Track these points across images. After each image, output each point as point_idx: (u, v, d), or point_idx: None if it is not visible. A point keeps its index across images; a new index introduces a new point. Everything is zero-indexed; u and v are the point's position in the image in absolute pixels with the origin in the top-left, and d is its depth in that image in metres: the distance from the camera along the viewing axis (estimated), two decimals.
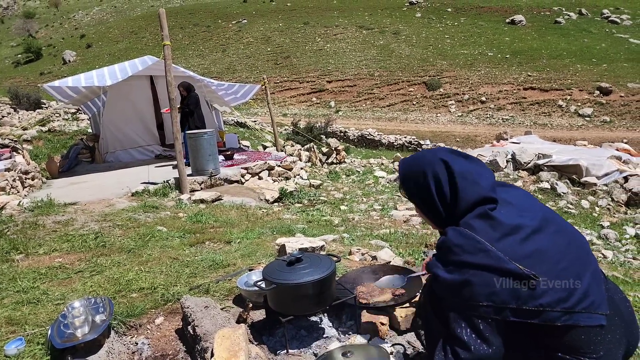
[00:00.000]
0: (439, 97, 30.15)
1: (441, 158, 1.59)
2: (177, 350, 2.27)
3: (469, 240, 1.44)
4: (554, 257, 1.45)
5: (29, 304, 2.65)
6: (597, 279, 1.50)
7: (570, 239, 1.54)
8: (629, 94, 25.67)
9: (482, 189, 1.54)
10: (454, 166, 1.56)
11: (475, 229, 1.46)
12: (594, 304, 1.43)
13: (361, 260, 3.44)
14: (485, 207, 1.50)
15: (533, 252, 1.43)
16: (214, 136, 8.20)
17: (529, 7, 46.71)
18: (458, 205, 1.54)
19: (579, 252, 1.51)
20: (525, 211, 1.54)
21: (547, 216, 1.56)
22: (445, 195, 1.56)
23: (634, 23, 40.60)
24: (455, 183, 1.54)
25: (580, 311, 1.40)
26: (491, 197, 1.53)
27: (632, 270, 4.73)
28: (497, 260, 1.39)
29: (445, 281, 1.46)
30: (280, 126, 19.72)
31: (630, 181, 8.34)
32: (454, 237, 1.48)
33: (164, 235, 4.29)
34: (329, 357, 1.81)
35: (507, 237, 1.44)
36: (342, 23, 48.25)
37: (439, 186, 1.57)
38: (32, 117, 15.80)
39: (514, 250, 1.42)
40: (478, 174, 1.57)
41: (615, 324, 1.48)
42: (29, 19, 77.90)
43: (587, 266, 1.50)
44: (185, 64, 39.63)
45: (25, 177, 7.38)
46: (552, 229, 1.51)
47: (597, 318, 1.42)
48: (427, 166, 1.60)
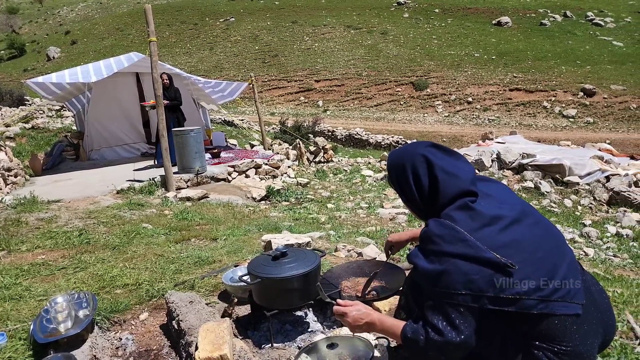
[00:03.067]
0: (426, 97, 30.34)
1: (421, 153, 1.64)
2: (162, 345, 2.27)
3: (448, 230, 1.48)
4: (531, 247, 1.49)
5: (11, 300, 2.62)
6: (574, 269, 1.54)
7: (547, 230, 1.58)
8: (612, 96, 26.10)
9: (462, 182, 1.58)
10: (434, 160, 1.61)
11: (455, 220, 1.50)
12: (570, 293, 1.46)
13: (347, 257, 3.46)
14: (465, 199, 1.55)
15: (511, 242, 1.47)
16: (200, 134, 8.17)
17: (514, 9, 47.19)
18: (439, 198, 1.59)
19: (555, 243, 1.56)
20: (504, 203, 1.58)
21: (525, 209, 1.60)
22: (424, 189, 1.62)
23: (617, 26, 41.27)
24: (435, 176, 1.59)
25: (556, 300, 1.44)
26: (471, 190, 1.57)
27: (613, 268, 4.81)
28: (475, 250, 1.43)
29: (425, 271, 1.49)
30: (268, 125, 19.70)
31: (611, 181, 8.48)
32: (434, 227, 1.52)
33: (149, 232, 4.27)
34: (313, 349, 1.82)
35: (486, 227, 1.48)
36: (331, 22, 48.26)
37: (417, 180, 1.63)
38: (15, 114, 15.54)
39: (493, 240, 1.45)
40: (458, 167, 1.62)
41: (591, 314, 1.52)
42: (13, 15, 76.56)
43: (563, 257, 1.54)
44: (172, 62, 39.30)
45: (7, 175, 7.27)
46: (530, 221, 1.56)
47: (573, 307, 1.45)
48: (407, 160, 1.67)
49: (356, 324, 1.67)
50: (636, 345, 2.19)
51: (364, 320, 1.66)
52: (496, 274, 1.42)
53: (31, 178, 8.40)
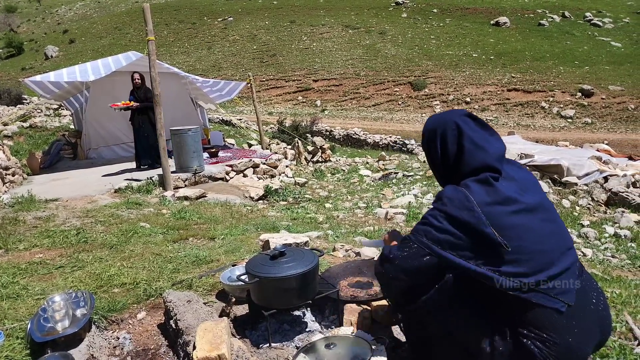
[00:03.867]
0: (424, 97, 30.36)
1: (455, 120, 1.66)
2: (159, 344, 2.26)
3: (460, 196, 1.53)
4: (534, 239, 1.51)
5: (9, 298, 2.61)
6: (572, 272, 1.55)
7: (556, 230, 1.59)
8: (610, 96, 26.16)
9: (489, 157, 1.60)
10: (465, 129, 1.63)
11: (471, 190, 1.53)
12: (556, 289, 1.48)
13: (345, 257, 3.46)
14: (487, 174, 1.56)
15: (517, 227, 1.49)
16: (198, 133, 8.15)
17: (513, 9, 47.22)
18: (461, 167, 1.62)
19: (559, 244, 1.57)
20: (525, 191, 1.59)
21: (545, 204, 1.62)
22: (449, 155, 1.65)
23: (615, 26, 41.33)
24: (462, 145, 1.62)
25: (536, 290, 1.46)
26: (495, 167, 1.58)
27: (611, 268, 4.82)
28: (477, 221, 1.47)
29: (425, 218, 1.58)
30: (266, 124, 19.68)
31: (610, 181, 8.48)
32: (449, 190, 1.58)
33: (147, 231, 4.26)
34: (311, 349, 1.82)
35: (498, 206, 1.50)
36: (329, 22, 48.24)
37: (444, 146, 1.66)
38: (13, 113, 15.50)
39: (499, 219, 1.48)
40: (488, 142, 1.63)
41: (586, 315, 1.53)
42: (11, 13, 76.35)
43: (564, 258, 1.55)
44: (170, 61, 39.23)
45: (5, 173, 7.24)
46: (544, 216, 1.57)
47: (554, 302, 1.47)
48: (440, 125, 1.69)
49: None
50: (635, 346, 2.19)
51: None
52: (487, 249, 1.47)
53: (29, 177, 8.37)
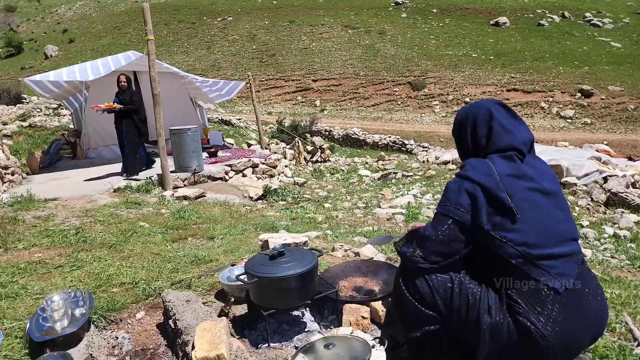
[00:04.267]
0: (423, 97, 30.33)
1: (487, 107, 1.82)
2: (158, 344, 2.26)
3: (482, 164, 1.68)
4: (543, 217, 1.61)
5: (7, 298, 2.61)
6: (573, 261, 1.61)
7: (565, 219, 1.68)
8: (609, 97, 26.15)
9: (515, 139, 1.73)
10: (496, 115, 1.79)
11: (493, 161, 1.68)
12: (556, 268, 1.56)
13: (344, 257, 3.46)
14: (512, 152, 1.70)
15: (529, 201, 1.61)
16: (197, 133, 8.16)
17: (512, 9, 47.21)
18: (489, 145, 1.76)
19: (565, 231, 1.65)
20: (543, 179, 1.70)
21: (559, 194, 1.72)
22: (479, 135, 1.80)
23: (615, 27, 41.33)
24: (491, 127, 1.76)
25: (536, 263, 1.55)
26: (520, 149, 1.71)
27: (610, 269, 4.82)
28: (493, 184, 1.60)
29: (448, 186, 1.70)
30: (265, 124, 19.67)
31: (609, 182, 8.48)
32: (472, 160, 1.73)
33: (146, 231, 4.26)
34: (310, 349, 1.82)
35: (516, 179, 1.63)
36: (328, 22, 48.22)
37: (474, 128, 1.81)
38: (12, 112, 15.49)
39: (514, 189, 1.61)
40: (515, 127, 1.77)
41: (584, 305, 1.58)
42: (10, 13, 76.29)
43: (567, 244, 1.63)
44: (170, 61, 39.19)
45: (4, 173, 7.24)
46: (556, 203, 1.68)
47: (553, 281, 1.54)
48: (472, 110, 1.86)
49: None
50: (634, 346, 2.19)
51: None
52: (499, 213, 1.58)
53: (28, 176, 8.37)
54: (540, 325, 1.50)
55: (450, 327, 1.67)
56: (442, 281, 1.66)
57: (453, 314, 1.64)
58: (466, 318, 1.61)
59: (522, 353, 1.55)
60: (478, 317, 1.58)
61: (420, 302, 1.69)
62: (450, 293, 1.64)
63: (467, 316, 1.60)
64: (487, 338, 1.56)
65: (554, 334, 1.50)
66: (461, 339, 1.67)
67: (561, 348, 1.52)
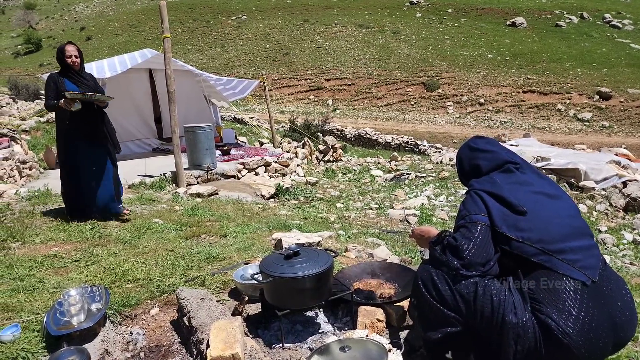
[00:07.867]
0: (437, 97, 30.15)
1: (467, 144, 2.09)
2: (172, 341, 2.27)
3: (484, 179, 1.89)
4: (553, 217, 1.68)
5: (25, 291, 2.64)
6: (594, 255, 1.63)
7: (575, 215, 1.74)
8: (629, 100, 25.72)
9: (502, 157, 1.94)
10: (474, 145, 2.04)
11: (494, 177, 1.87)
12: (578, 262, 1.58)
13: (357, 257, 3.44)
14: (509, 165, 1.89)
15: (536, 202, 1.70)
16: (211, 131, 8.19)
17: (530, 10, 46.70)
18: (480, 171, 1.95)
19: (577, 227, 1.69)
20: (543, 186, 1.83)
21: (564, 197, 1.82)
22: (465, 169, 2.04)
23: (635, 28, 40.63)
24: (475, 157, 1.99)
25: (559, 259, 1.57)
26: (512, 160, 1.92)
27: (630, 276, 4.74)
28: (497, 189, 1.76)
29: (462, 202, 1.84)
30: (278, 123, 19.70)
31: (629, 186, 8.33)
32: (474, 180, 1.93)
33: (160, 227, 4.28)
34: (326, 350, 1.81)
35: (517, 185, 1.79)
36: (342, 21, 48.16)
37: (460, 164, 2.08)
38: (30, 108, 15.67)
39: (517, 192, 1.74)
40: (495, 146, 2.00)
41: (606, 304, 1.57)
42: (30, 10, 77.55)
43: (583, 238, 1.66)
44: (184, 59, 39.46)
45: (22, 167, 7.34)
46: (564, 205, 1.76)
47: (577, 274, 1.55)
48: (458, 154, 2.12)
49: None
50: None
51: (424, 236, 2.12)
52: (508, 211, 1.68)
53: (45, 171, 8.46)
54: (562, 322, 1.50)
55: (474, 329, 1.65)
56: (465, 283, 1.64)
57: (477, 315, 1.62)
58: (490, 319, 1.59)
59: (547, 354, 1.53)
60: (503, 319, 1.56)
61: (442, 304, 1.68)
62: (474, 294, 1.62)
63: (492, 318, 1.59)
64: (512, 339, 1.54)
65: (575, 330, 1.49)
66: (484, 341, 1.64)
67: (584, 348, 1.49)
